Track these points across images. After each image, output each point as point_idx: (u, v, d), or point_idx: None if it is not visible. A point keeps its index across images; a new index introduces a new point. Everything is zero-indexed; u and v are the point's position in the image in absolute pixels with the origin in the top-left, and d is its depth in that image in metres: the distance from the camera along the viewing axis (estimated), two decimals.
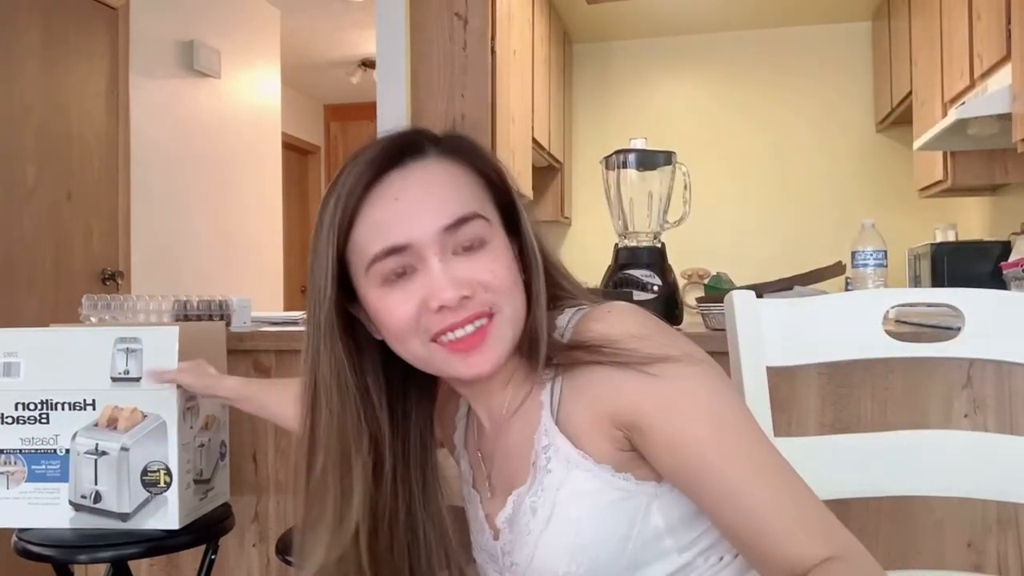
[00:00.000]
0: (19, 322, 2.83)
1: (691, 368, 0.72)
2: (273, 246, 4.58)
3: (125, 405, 1.28)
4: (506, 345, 0.77)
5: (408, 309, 0.76)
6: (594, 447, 0.75)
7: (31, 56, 2.94)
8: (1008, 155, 3.24)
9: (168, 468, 1.28)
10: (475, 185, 0.80)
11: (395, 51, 3.33)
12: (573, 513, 0.75)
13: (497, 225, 0.80)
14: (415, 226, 0.75)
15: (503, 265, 0.77)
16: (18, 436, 1.29)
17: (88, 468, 1.28)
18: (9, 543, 1.32)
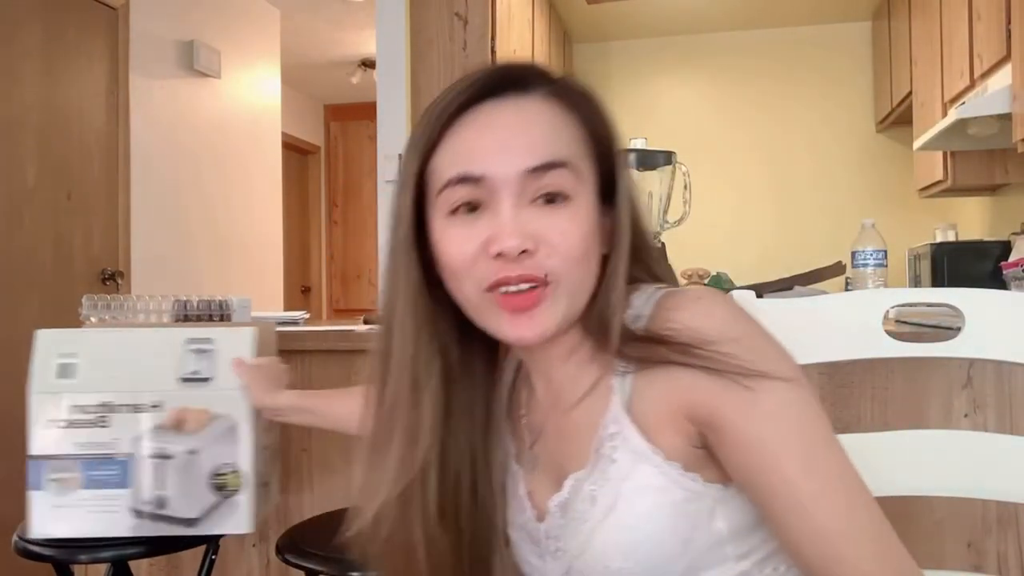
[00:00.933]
0: (19, 322, 2.83)
1: (785, 384, 0.66)
2: (273, 246, 4.58)
3: (194, 406, 1.21)
4: (556, 318, 0.72)
5: (468, 248, 0.71)
6: (665, 442, 0.70)
7: (31, 56, 2.94)
8: (1008, 155, 3.24)
9: (239, 470, 1.22)
10: (577, 137, 0.74)
11: (395, 51, 3.33)
12: (636, 508, 0.70)
13: (588, 186, 0.74)
14: (497, 160, 0.70)
15: (579, 230, 0.71)
16: (73, 441, 1.21)
17: (152, 473, 1.20)
18: (9, 543, 1.32)
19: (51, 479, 1.21)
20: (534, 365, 0.81)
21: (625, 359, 0.72)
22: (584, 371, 0.76)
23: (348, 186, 6.71)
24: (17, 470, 3.04)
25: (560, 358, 0.78)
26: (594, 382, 0.74)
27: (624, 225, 0.75)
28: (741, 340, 0.67)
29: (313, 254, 6.60)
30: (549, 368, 0.79)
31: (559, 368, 0.78)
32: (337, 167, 6.76)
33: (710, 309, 0.70)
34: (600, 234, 0.75)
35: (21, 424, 3.14)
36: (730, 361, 0.66)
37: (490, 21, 3.33)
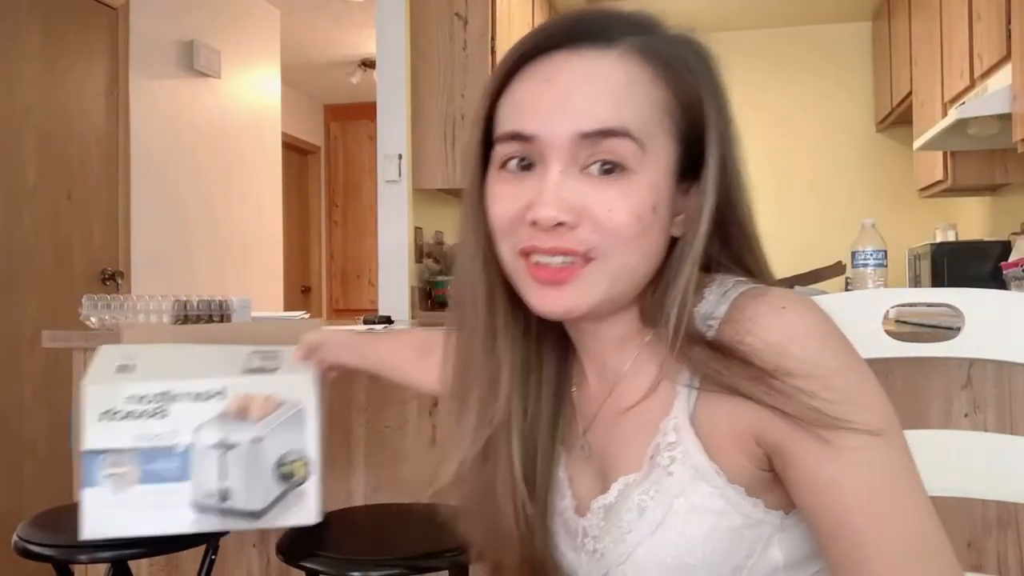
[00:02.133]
0: (19, 322, 2.83)
1: (872, 440, 0.58)
2: (273, 246, 4.58)
3: (258, 392, 1.15)
4: (593, 297, 0.65)
5: (510, 209, 0.66)
6: (729, 461, 0.63)
7: (31, 56, 2.94)
8: (1008, 155, 3.24)
9: (306, 458, 1.16)
10: (655, 103, 0.65)
11: (395, 51, 3.33)
12: (688, 530, 0.64)
13: (660, 160, 0.65)
14: (550, 120, 0.63)
15: (630, 208, 0.63)
16: (129, 433, 1.13)
17: (214, 464, 1.14)
18: (9, 543, 1.32)
19: (106, 475, 1.12)
20: (583, 346, 0.75)
21: (690, 365, 0.65)
22: (643, 366, 0.70)
23: (348, 186, 6.71)
24: (17, 469, 3.04)
25: (613, 344, 0.72)
26: (654, 382, 0.68)
27: (706, 208, 0.66)
28: (827, 377, 0.59)
29: (313, 254, 6.60)
30: (601, 353, 0.73)
31: (613, 356, 0.72)
32: (337, 167, 6.76)
33: (795, 325, 0.61)
34: (670, 213, 0.67)
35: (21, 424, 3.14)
36: (809, 404, 0.58)
37: (490, 21, 3.33)
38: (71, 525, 1.39)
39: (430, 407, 1.69)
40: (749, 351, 0.60)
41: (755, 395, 0.60)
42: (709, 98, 0.66)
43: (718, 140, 0.67)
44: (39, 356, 2.85)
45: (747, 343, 0.61)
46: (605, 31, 0.65)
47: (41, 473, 2.86)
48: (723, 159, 0.67)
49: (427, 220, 3.53)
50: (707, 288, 0.67)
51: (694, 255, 0.66)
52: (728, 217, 0.68)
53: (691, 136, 0.67)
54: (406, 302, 3.32)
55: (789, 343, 0.60)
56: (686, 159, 0.67)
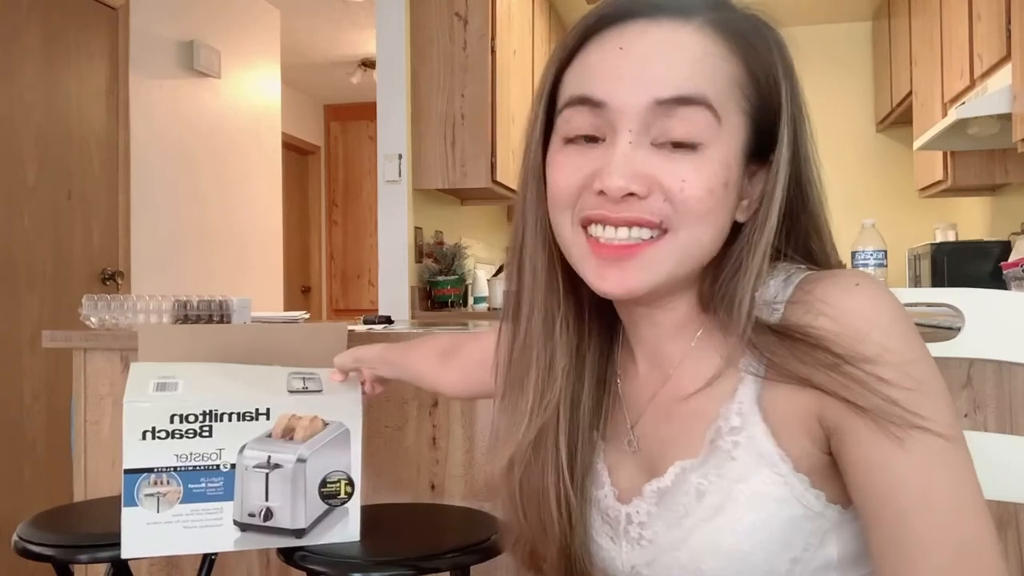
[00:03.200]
0: (19, 322, 2.83)
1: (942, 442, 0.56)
2: (273, 246, 4.58)
3: (304, 414, 1.16)
4: (658, 276, 0.63)
5: (573, 178, 0.63)
6: (794, 446, 0.61)
7: (31, 56, 2.94)
8: (1008, 155, 3.25)
9: (350, 478, 1.18)
10: (730, 79, 0.63)
11: (395, 51, 3.33)
12: (749, 517, 0.62)
13: (732, 138, 0.63)
14: (623, 86, 0.61)
15: (703, 183, 0.61)
16: (173, 452, 1.12)
17: (258, 483, 1.14)
18: (9, 543, 1.31)
19: (148, 494, 1.12)
20: (636, 333, 0.72)
21: (756, 352, 0.62)
22: (702, 354, 0.67)
23: (348, 186, 6.71)
24: (17, 469, 3.04)
25: (669, 331, 0.69)
26: (718, 370, 0.65)
27: (777, 192, 0.64)
28: (905, 365, 0.57)
29: (313, 254, 6.60)
30: (655, 340, 0.71)
31: (668, 343, 0.70)
32: (337, 167, 6.76)
33: (873, 307, 0.58)
34: (737, 195, 0.64)
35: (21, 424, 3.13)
36: (886, 396, 0.56)
37: (490, 21, 3.33)
38: (71, 525, 1.39)
39: (430, 407, 1.69)
40: (823, 335, 0.58)
41: (829, 386, 0.58)
42: (783, 78, 0.65)
43: (791, 121, 0.65)
44: (39, 356, 2.85)
45: (820, 326, 0.58)
46: (682, 4, 0.63)
47: (41, 473, 2.86)
48: (795, 142, 0.65)
49: (427, 220, 3.53)
50: (769, 276, 0.65)
51: (766, 240, 0.64)
52: (796, 203, 0.66)
53: (762, 116, 0.65)
54: (406, 302, 3.32)
55: (869, 328, 0.57)
56: (755, 140, 0.65)
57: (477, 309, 3.77)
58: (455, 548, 1.18)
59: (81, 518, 1.47)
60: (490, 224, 4.62)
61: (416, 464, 1.68)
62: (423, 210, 3.48)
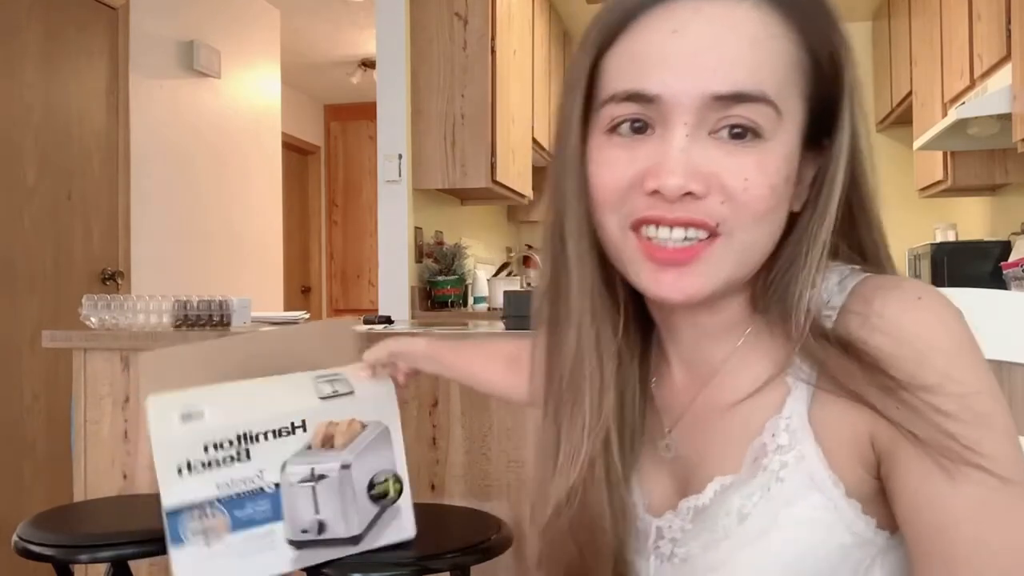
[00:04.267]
0: (19, 322, 2.83)
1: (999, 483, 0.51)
2: (273, 246, 4.58)
3: (340, 419, 1.11)
4: (718, 280, 0.58)
5: (621, 175, 0.58)
6: (846, 469, 0.56)
7: (31, 56, 2.94)
8: (1008, 155, 3.25)
9: (397, 475, 1.14)
10: (790, 62, 0.57)
11: (395, 51, 3.33)
12: (795, 544, 0.57)
13: (793, 125, 0.58)
14: (678, 77, 0.55)
15: (767, 179, 0.56)
16: (213, 482, 1.06)
17: (306, 498, 1.09)
18: (9, 543, 1.32)
19: (194, 531, 1.05)
20: (673, 335, 0.67)
21: (810, 360, 0.57)
22: (747, 358, 0.63)
23: (348, 186, 6.71)
24: (17, 469, 3.04)
25: (712, 333, 0.64)
26: (768, 377, 0.60)
27: (839, 178, 0.59)
28: (968, 396, 0.52)
29: (313, 254, 6.60)
30: (694, 343, 0.66)
31: (709, 346, 0.65)
32: (337, 167, 6.76)
33: (937, 328, 0.53)
34: (793, 186, 0.59)
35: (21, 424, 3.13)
36: (944, 428, 0.51)
37: (490, 21, 3.33)
38: (71, 525, 1.39)
39: (430, 407, 1.69)
40: (880, 356, 0.53)
41: (883, 409, 0.53)
42: (845, 54, 0.59)
43: (851, 101, 0.59)
44: (39, 356, 2.85)
45: (877, 344, 0.54)
46: None
47: (41, 473, 2.86)
48: (854, 123, 0.60)
49: (427, 220, 3.53)
50: (823, 275, 0.59)
51: (826, 229, 0.58)
52: (852, 194, 0.61)
53: (820, 98, 0.59)
54: (406, 302, 3.32)
55: (930, 352, 0.52)
56: (811, 124, 0.60)
57: (477, 309, 3.77)
58: (455, 548, 1.18)
59: (81, 518, 1.47)
60: (490, 224, 4.62)
61: (416, 464, 1.68)
62: (423, 210, 3.48)
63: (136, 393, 1.79)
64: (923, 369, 0.52)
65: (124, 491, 1.78)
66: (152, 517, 1.47)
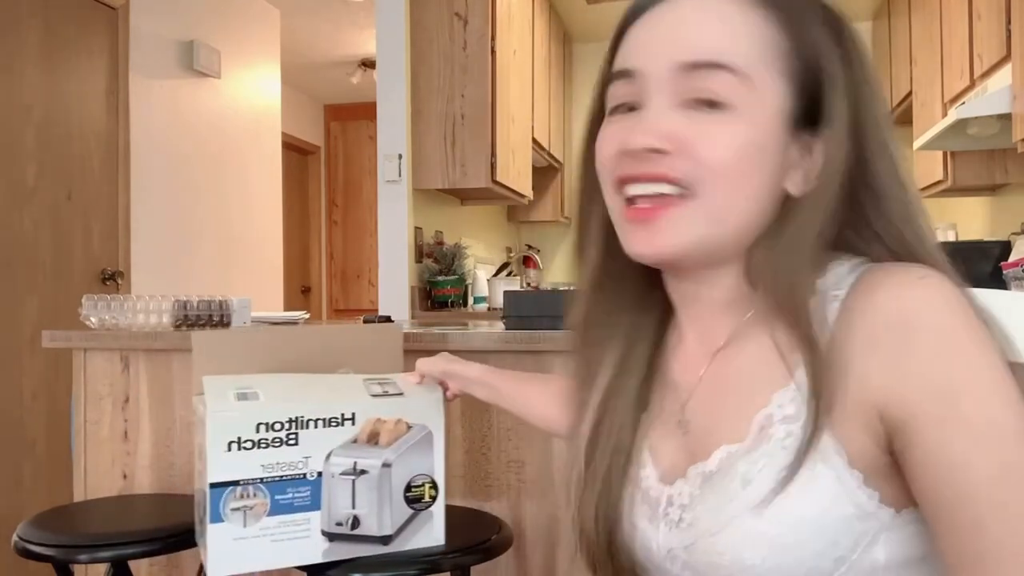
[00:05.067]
0: (19, 322, 2.83)
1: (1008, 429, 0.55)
2: (273, 246, 4.59)
3: (388, 416, 1.13)
4: (687, 239, 0.62)
5: (612, 147, 0.65)
6: (851, 440, 0.58)
7: (31, 56, 2.94)
8: (1008, 155, 3.25)
9: (434, 481, 1.15)
10: (765, 42, 0.62)
11: (395, 51, 3.33)
12: (797, 510, 0.59)
13: (767, 100, 0.62)
14: (651, 54, 0.63)
15: (731, 141, 0.61)
16: (259, 463, 1.07)
17: (345, 491, 1.11)
18: (9, 543, 1.32)
19: (234, 508, 1.07)
20: (684, 309, 0.72)
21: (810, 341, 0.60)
22: (751, 332, 0.66)
23: (348, 186, 6.71)
24: (17, 469, 3.04)
25: (717, 308, 0.68)
26: (768, 353, 0.63)
27: (832, 167, 0.62)
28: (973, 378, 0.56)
29: (313, 254, 6.60)
30: (702, 317, 0.70)
31: (716, 320, 0.69)
32: (337, 167, 6.76)
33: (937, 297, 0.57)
34: (782, 162, 0.63)
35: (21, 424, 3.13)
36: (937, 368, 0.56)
37: (490, 21, 3.33)
38: (71, 525, 1.39)
39: None
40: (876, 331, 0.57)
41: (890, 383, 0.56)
42: (830, 45, 0.64)
43: (848, 91, 0.63)
44: (39, 356, 2.85)
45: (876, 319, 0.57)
46: None
47: (41, 473, 2.87)
48: (854, 112, 0.63)
49: (427, 220, 3.53)
50: (831, 264, 0.63)
51: (820, 219, 0.62)
52: (860, 182, 0.63)
53: (814, 83, 0.63)
54: (406, 302, 3.32)
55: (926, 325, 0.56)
56: (807, 107, 0.63)
57: (477, 309, 3.77)
58: (455, 548, 1.18)
59: (81, 518, 1.47)
60: (490, 224, 4.62)
61: None
62: (423, 210, 3.48)
63: (138, 393, 1.79)
64: (921, 339, 0.56)
65: (124, 491, 1.78)
66: (152, 517, 1.47)
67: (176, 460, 1.76)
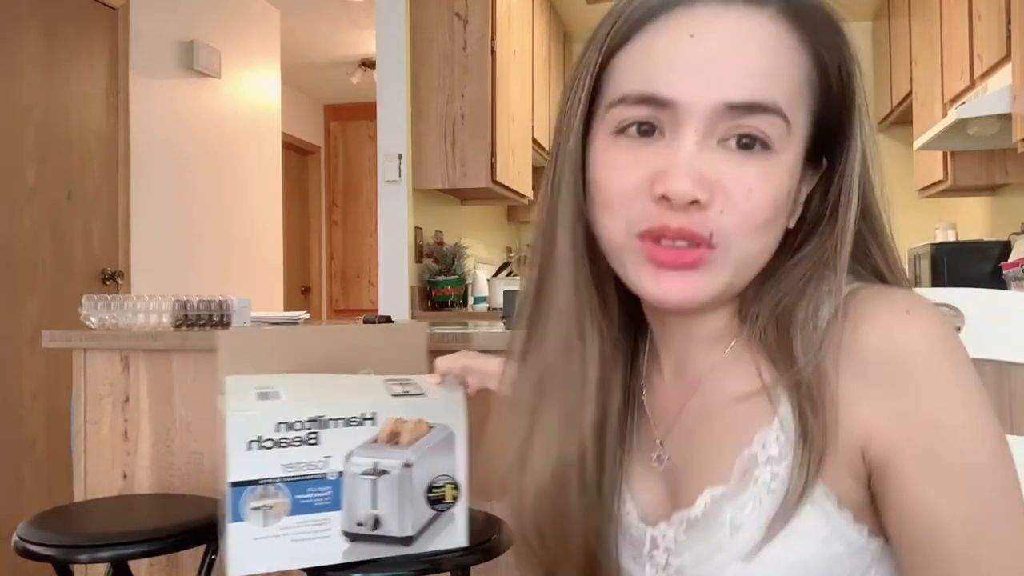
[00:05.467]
0: (19, 322, 2.83)
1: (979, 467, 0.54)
2: (273, 246, 4.58)
3: (409, 416, 1.12)
4: (716, 287, 0.58)
5: (629, 179, 0.57)
6: (838, 481, 0.57)
7: (31, 56, 2.94)
8: (1008, 155, 3.25)
9: (456, 482, 1.14)
10: (802, 76, 0.58)
11: (395, 51, 3.33)
12: (788, 556, 0.57)
13: (798, 140, 0.58)
14: (693, 83, 0.55)
15: (769, 192, 0.56)
16: (280, 462, 1.07)
17: (365, 491, 1.10)
18: (9, 543, 1.32)
19: (254, 507, 1.06)
20: (666, 341, 0.68)
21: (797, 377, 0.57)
22: (734, 366, 0.63)
23: (348, 186, 6.71)
24: (17, 469, 3.04)
25: (703, 341, 0.65)
26: (749, 388, 0.60)
27: (852, 201, 0.60)
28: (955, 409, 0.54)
29: (313, 254, 6.60)
30: (685, 350, 0.66)
31: (699, 353, 0.65)
32: (337, 167, 6.76)
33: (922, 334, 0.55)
34: (792, 201, 0.60)
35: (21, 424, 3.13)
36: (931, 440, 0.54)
37: (490, 21, 3.33)
38: (71, 525, 1.39)
39: None
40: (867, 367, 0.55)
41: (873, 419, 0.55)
42: (856, 74, 0.60)
43: (858, 117, 0.60)
44: (39, 356, 2.85)
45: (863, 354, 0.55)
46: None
47: (41, 473, 2.86)
48: (864, 147, 0.61)
49: (427, 220, 3.53)
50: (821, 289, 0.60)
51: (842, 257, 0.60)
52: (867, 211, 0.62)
53: (825, 114, 0.60)
54: (406, 302, 3.32)
55: (914, 362, 0.54)
56: (817, 139, 0.60)
57: (477, 309, 3.77)
58: (456, 548, 1.18)
59: (81, 518, 1.47)
60: (490, 224, 4.62)
61: None
62: (423, 210, 3.48)
63: (138, 393, 1.79)
64: (908, 379, 0.54)
65: (124, 491, 1.78)
66: (152, 517, 1.47)
67: (176, 460, 1.76)
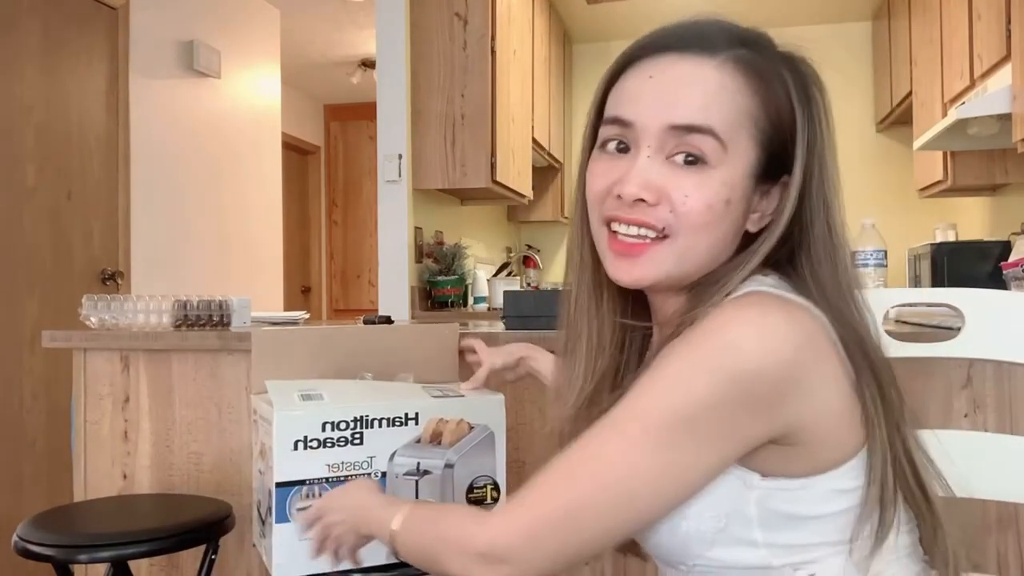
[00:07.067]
0: (19, 322, 2.83)
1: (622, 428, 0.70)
2: (273, 246, 4.58)
3: (451, 416, 1.14)
4: (659, 272, 0.76)
5: (602, 183, 0.77)
6: None
7: (31, 56, 2.94)
8: (1008, 155, 3.25)
9: (496, 483, 1.16)
10: (742, 111, 0.74)
11: (395, 51, 3.33)
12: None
13: (739, 160, 0.74)
14: (645, 110, 0.74)
15: (703, 197, 0.73)
16: (324, 462, 1.07)
17: (408, 491, 1.10)
18: (9, 543, 1.32)
19: (300, 508, 1.06)
20: (657, 316, 0.85)
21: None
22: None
23: (348, 186, 6.71)
24: (17, 469, 3.03)
25: (661, 323, 0.83)
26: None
27: (782, 212, 0.76)
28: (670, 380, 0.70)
29: (313, 254, 6.60)
30: (657, 329, 0.85)
31: (660, 333, 0.84)
32: (337, 167, 6.76)
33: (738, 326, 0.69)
34: (745, 209, 0.77)
35: (21, 424, 3.13)
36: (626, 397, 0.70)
37: (490, 21, 3.33)
38: (71, 525, 1.39)
39: None
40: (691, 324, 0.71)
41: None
42: (799, 108, 0.75)
43: (807, 147, 0.75)
44: (39, 356, 2.85)
45: (697, 319, 0.71)
46: (711, 41, 0.75)
47: (41, 473, 2.86)
48: (806, 166, 0.76)
49: (427, 220, 3.53)
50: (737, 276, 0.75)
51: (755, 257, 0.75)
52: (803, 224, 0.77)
53: (774, 143, 0.76)
54: (406, 302, 3.32)
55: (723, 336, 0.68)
56: (769, 163, 0.76)
57: (477, 309, 3.77)
58: None
59: (81, 518, 1.47)
60: (490, 224, 4.62)
61: None
62: (423, 210, 3.48)
63: (138, 393, 1.79)
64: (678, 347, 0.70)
65: (124, 491, 1.78)
66: (152, 517, 1.47)
67: (176, 460, 1.76)
